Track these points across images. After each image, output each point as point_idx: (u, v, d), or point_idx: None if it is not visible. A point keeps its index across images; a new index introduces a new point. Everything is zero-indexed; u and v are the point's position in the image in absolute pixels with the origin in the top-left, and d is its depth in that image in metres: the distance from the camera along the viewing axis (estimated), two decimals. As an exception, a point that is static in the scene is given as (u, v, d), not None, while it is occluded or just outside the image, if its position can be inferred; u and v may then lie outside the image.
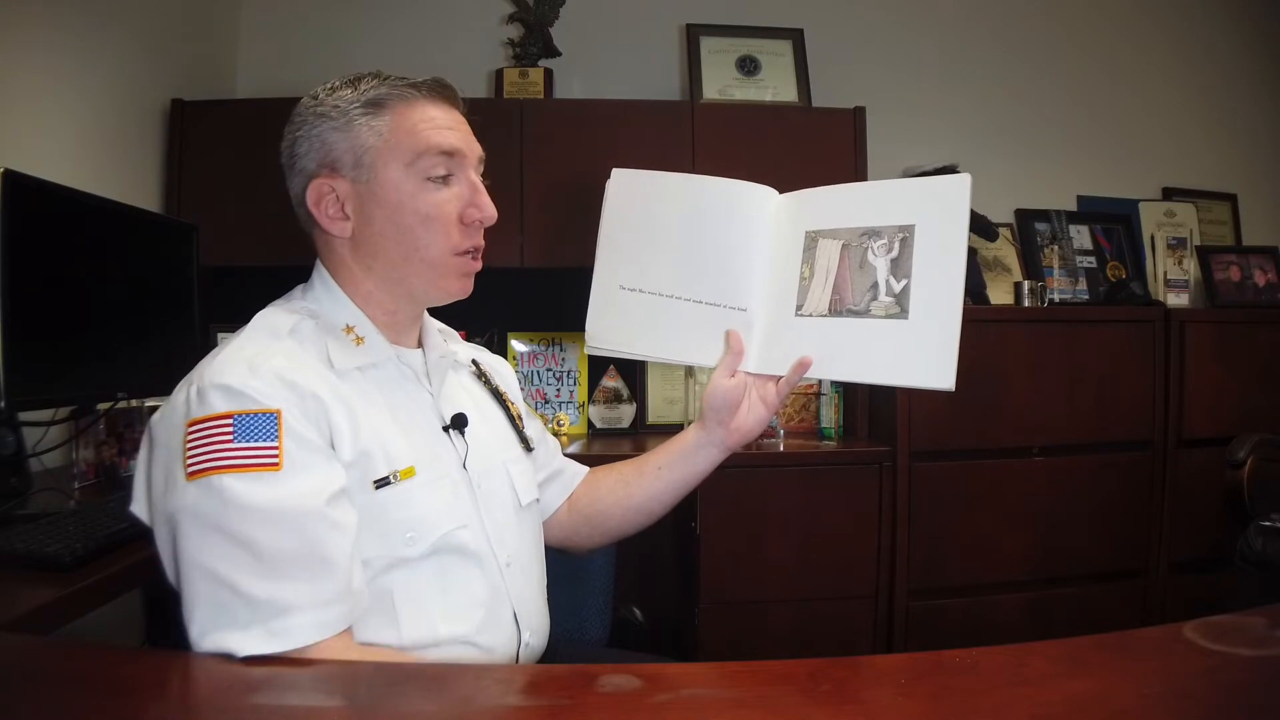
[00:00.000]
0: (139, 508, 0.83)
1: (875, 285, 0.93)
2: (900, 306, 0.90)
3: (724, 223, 1.02)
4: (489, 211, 0.93)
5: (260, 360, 0.81)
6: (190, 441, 0.76)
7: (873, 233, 0.95)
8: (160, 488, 0.78)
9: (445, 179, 0.91)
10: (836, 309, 0.95)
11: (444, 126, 0.91)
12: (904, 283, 0.91)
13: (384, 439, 0.86)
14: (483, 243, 0.95)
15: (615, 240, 1.06)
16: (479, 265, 0.95)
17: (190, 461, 0.75)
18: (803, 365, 0.97)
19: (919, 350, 0.91)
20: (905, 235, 0.93)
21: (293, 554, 0.75)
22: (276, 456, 0.76)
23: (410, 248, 0.90)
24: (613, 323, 1.06)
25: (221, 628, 0.72)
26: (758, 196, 1.02)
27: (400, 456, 0.87)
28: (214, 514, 0.74)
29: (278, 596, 0.73)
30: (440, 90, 0.93)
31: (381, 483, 0.84)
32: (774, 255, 1.00)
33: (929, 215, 0.92)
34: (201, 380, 0.79)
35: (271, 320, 0.89)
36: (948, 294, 0.90)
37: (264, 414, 0.77)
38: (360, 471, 0.83)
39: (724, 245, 1.02)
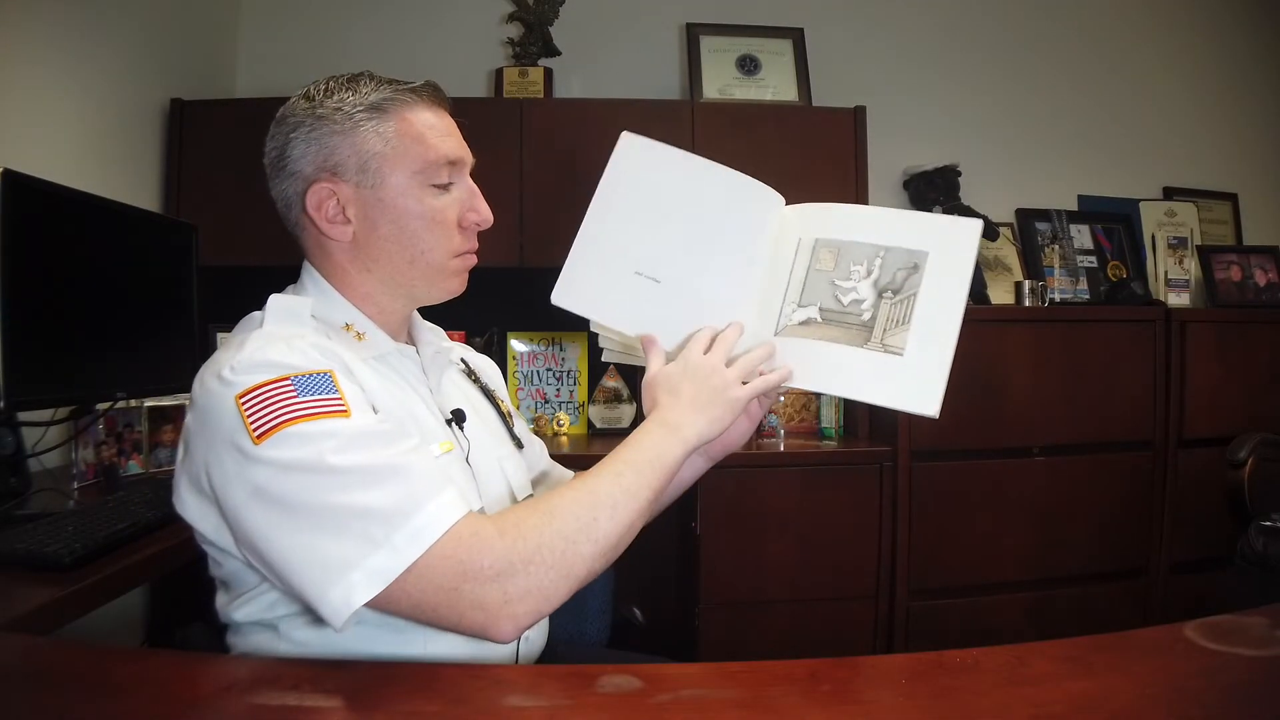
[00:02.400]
0: (190, 511, 0.81)
1: (863, 300, 0.93)
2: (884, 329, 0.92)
3: (727, 218, 1.00)
4: (486, 215, 0.95)
5: (296, 340, 0.81)
6: (249, 410, 0.74)
7: (874, 251, 0.95)
8: (224, 475, 0.75)
9: (446, 185, 0.92)
10: (825, 319, 0.95)
11: (445, 134, 0.92)
12: (889, 299, 0.92)
13: (415, 416, 0.88)
14: (478, 244, 0.97)
15: (611, 205, 1.02)
16: (475, 260, 0.97)
17: (256, 426, 0.73)
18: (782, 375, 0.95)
19: (908, 374, 0.90)
20: (903, 260, 0.93)
21: (393, 461, 0.75)
22: (343, 404, 0.76)
23: (415, 252, 0.91)
24: (588, 284, 1.01)
25: (357, 560, 0.71)
26: (766, 199, 1.00)
27: (434, 433, 0.89)
28: (302, 457, 0.72)
29: (401, 497, 0.73)
30: (434, 94, 0.94)
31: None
32: (771, 262, 0.99)
33: (936, 249, 0.92)
34: (236, 362, 0.77)
35: (290, 306, 0.89)
36: (945, 327, 0.89)
37: (319, 374, 0.78)
38: None
39: (723, 241, 0.99)
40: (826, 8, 2.78)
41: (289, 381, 0.76)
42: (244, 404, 0.74)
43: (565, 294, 1.03)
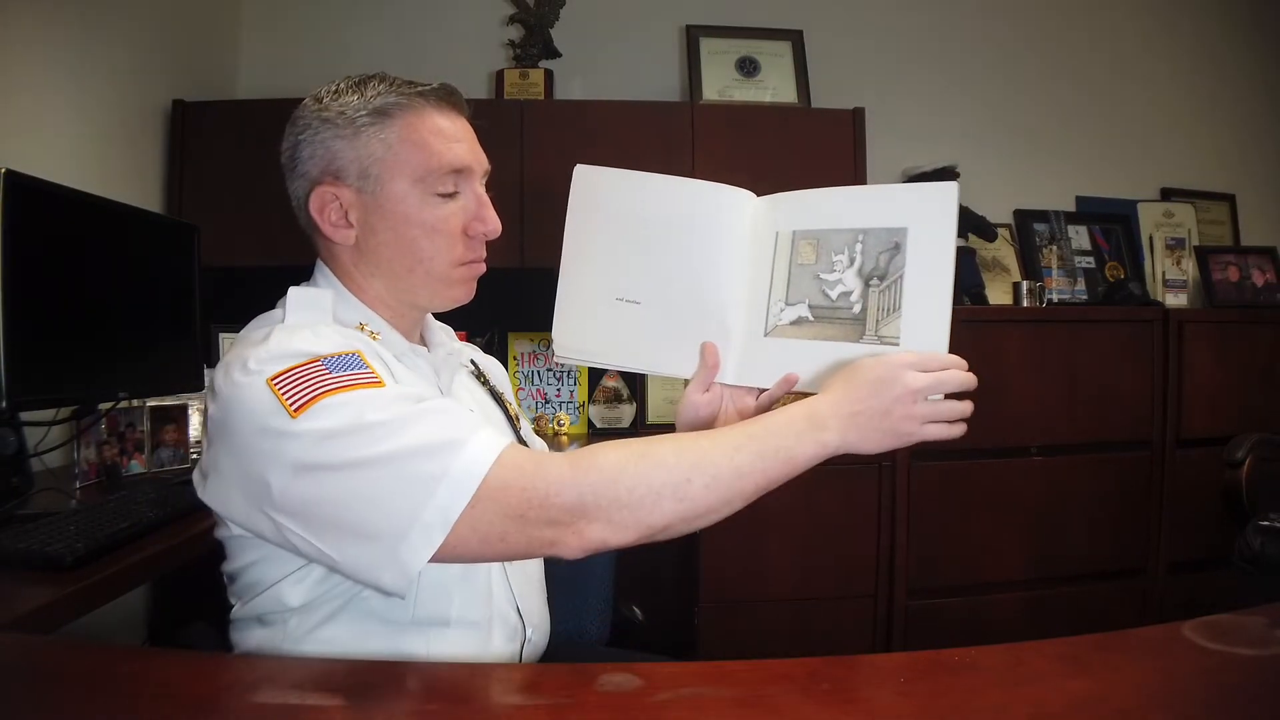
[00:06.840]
0: (215, 497, 0.80)
1: (851, 292, 0.92)
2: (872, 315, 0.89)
3: (698, 226, 0.98)
4: (494, 225, 0.92)
5: (320, 327, 0.83)
6: (284, 390, 0.74)
7: (852, 237, 0.93)
8: (263, 460, 0.74)
9: (452, 194, 0.90)
10: (816, 317, 0.94)
11: (453, 140, 0.90)
12: (876, 286, 0.90)
13: None
14: (485, 253, 0.95)
15: (581, 242, 1.02)
16: (483, 269, 0.95)
17: (292, 401, 0.73)
18: (788, 381, 0.94)
19: None
20: (883, 241, 0.91)
21: (431, 406, 0.77)
22: (375, 376, 0.77)
23: (414, 259, 0.90)
24: (581, 330, 1.01)
25: (420, 505, 0.71)
26: (734, 199, 0.99)
27: None
28: (342, 422, 0.73)
29: (448, 431, 0.74)
30: (448, 98, 0.91)
31: None
32: (751, 260, 0.97)
33: (914, 224, 0.89)
34: (261, 353, 0.77)
35: (311, 296, 0.89)
36: (936, 307, 0.87)
37: (347, 354, 0.78)
38: None
39: (699, 250, 0.98)
40: (826, 10, 2.78)
41: (319, 363, 0.76)
42: (277, 385, 0.74)
43: (564, 346, 1.03)
